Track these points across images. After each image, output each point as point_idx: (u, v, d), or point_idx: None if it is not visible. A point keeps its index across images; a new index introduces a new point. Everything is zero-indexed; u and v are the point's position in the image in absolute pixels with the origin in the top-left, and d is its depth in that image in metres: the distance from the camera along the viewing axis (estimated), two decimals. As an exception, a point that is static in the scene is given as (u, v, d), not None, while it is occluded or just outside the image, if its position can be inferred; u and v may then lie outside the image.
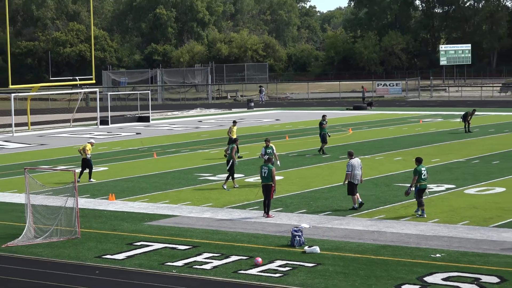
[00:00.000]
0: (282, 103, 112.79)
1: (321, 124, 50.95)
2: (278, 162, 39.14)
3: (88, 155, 41.14)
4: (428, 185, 34.77)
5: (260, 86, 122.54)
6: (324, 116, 52.41)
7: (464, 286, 21.44)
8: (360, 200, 32.56)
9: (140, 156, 52.39)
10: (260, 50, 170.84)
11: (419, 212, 30.64)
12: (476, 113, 65.48)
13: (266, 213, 31.14)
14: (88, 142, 42.36)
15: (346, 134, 62.09)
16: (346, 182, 32.44)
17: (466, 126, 61.76)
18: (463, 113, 64.31)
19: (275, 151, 39.18)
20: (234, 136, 47.33)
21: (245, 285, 22.13)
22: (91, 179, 41.23)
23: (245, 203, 34.25)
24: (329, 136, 51.68)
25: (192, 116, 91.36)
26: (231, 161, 37.59)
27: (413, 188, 30.60)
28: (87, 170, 41.43)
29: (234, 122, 51.24)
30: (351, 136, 60.74)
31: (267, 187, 31.02)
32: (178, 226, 30.06)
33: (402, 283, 21.88)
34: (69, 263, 24.99)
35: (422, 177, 30.66)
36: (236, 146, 40.22)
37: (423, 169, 30.70)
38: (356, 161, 32.93)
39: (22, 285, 22.66)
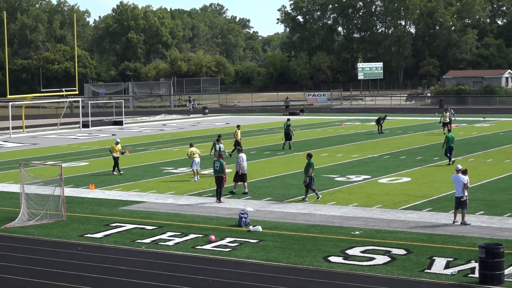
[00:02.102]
0: (231, 110, 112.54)
1: (287, 125, 51.59)
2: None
3: (118, 153, 40.49)
4: (348, 176, 34.95)
5: (189, 97, 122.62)
6: (288, 119, 53.27)
7: (377, 257, 21.52)
8: (246, 189, 33.02)
9: (115, 153, 51.93)
10: (213, 67, 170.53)
11: (302, 197, 31.04)
12: (387, 118, 65.88)
13: (218, 199, 31.07)
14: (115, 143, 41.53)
15: (282, 135, 62.07)
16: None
17: (379, 129, 62.10)
18: (376, 117, 64.69)
19: (223, 149, 39.41)
20: (239, 138, 47.96)
21: (201, 258, 22.03)
22: (114, 172, 40.57)
23: (201, 191, 34.11)
24: (293, 134, 52.64)
25: (158, 120, 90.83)
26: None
27: (307, 178, 30.77)
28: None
29: (238, 126, 50.62)
30: (278, 138, 60.77)
31: (219, 178, 30.98)
32: (146, 210, 29.87)
33: (328, 255, 21.91)
34: (56, 241, 24.75)
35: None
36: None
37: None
38: (244, 155, 33.47)
39: (18, 259, 22.37)
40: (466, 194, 25.44)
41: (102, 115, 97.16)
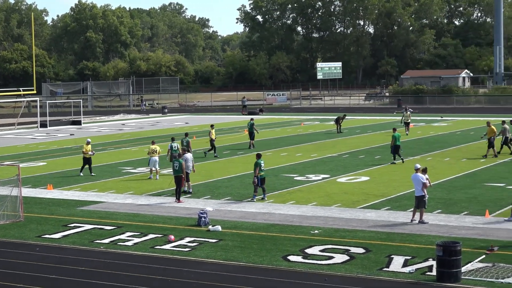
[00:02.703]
0: (190, 109, 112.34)
1: (247, 124, 51.93)
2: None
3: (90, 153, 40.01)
4: (307, 175, 35.04)
5: (141, 96, 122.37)
6: (252, 118, 53.71)
7: (336, 256, 21.61)
8: (191, 189, 33.04)
9: (73, 153, 51.56)
10: (172, 67, 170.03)
11: (261, 197, 30.71)
12: (346, 117, 66.22)
13: (178, 199, 30.98)
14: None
15: (242, 135, 62.13)
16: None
17: (338, 128, 62.39)
18: (335, 117, 65.01)
19: (179, 148, 39.40)
20: (214, 137, 47.70)
21: (161, 258, 21.95)
22: (81, 173, 39.94)
23: (160, 191, 33.99)
24: (257, 133, 52.83)
25: (117, 120, 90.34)
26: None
27: (255, 178, 30.70)
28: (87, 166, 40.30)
29: (212, 126, 50.47)
30: (246, 136, 60.80)
31: (178, 178, 30.90)
32: (105, 210, 29.69)
33: (288, 254, 21.95)
34: (14, 242, 24.47)
35: (262, 168, 30.70)
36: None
37: (262, 162, 30.72)
38: (189, 155, 33.55)
39: (-26, 261, 22.10)
40: (425, 192, 25.66)
41: (60, 115, 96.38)
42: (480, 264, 20.21)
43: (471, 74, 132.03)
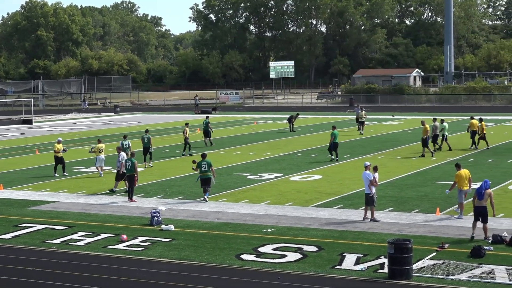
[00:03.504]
0: (143, 108, 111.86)
1: (202, 123, 52.03)
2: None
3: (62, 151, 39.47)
4: (260, 174, 35.07)
5: (84, 95, 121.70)
6: (207, 117, 53.94)
7: (289, 254, 21.67)
8: (115, 188, 33.09)
9: (24, 152, 51.04)
10: (124, 65, 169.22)
11: (206, 197, 30.47)
12: (299, 116, 66.45)
13: (130, 198, 30.81)
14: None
15: (195, 133, 62.00)
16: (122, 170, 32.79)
17: (291, 127, 62.59)
18: (288, 116, 65.22)
19: (128, 146, 39.31)
20: (187, 136, 47.43)
21: (113, 258, 21.82)
22: (56, 174, 39.28)
23: (115, 189, 33.77)
24: (212, 131, 53.05)
25: (68, 119, 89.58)
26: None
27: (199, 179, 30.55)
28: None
29: (187, 124, 50.23)
30: (199, 134, 60.69)
31: (131, 177, 30.72)
32: (57, 210, 29.41)
33: (241, 253, 21.95)
34: (-37, 243, 24.11)
35: (202, 169, 30.30)
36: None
37: (204, 163, 30.39)
38: (123, 154, 33.71)
39: None
40: (374, 191, 25.84)
41: (11, 114, 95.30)
42: (431, 261, 20.42)
43: (422, 73, 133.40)
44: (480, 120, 46.84)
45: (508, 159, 41.25)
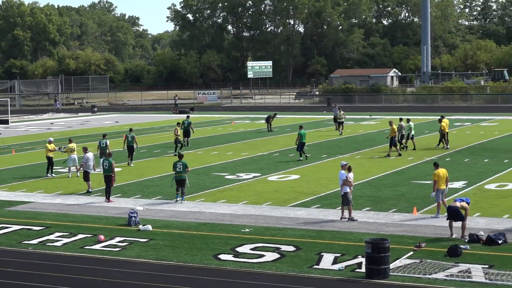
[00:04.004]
0: (120, 108, 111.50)
1: (183, 123, 51.82)
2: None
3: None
4: (238, 174, 35.08)
5: (55, 96, 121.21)
6: (188, 117, 54.30)
7: (267, 254, 21.69)
8: (90, 189, 33.12)
9: (1, 153, 50.73)
10: (102, 65, 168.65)
11: (178, 198, 30.30)
12: (276, 116, 66.51)
13: (108, 199, 30.71)
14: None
15: (171, 134, 61.88)
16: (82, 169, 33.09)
17: (268, 127, 62.62)
18: (266, 116, 65.26)
19: (108, 145, 39.43)
20: (179, 135, 48.04)
21: (90, 258, 21.73)
22: (48, 174, 38.96)
23: (90, 190, 33.63)
24: (193, 132, 53.32)
25: (45, 119, 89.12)
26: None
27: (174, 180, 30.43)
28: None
29: (178, 124, 50.15)
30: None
31: (108, 177, 30.61)
32: (34, 210, 29.25)
33: (219, 253, 21.95)
34: None
35: (177, 169, 30.16)
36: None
37: (179, 164, 30.22)
38: (90, 154, 33.75)
39: None
40: (348, 190, 25.90)
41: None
42: (408, 260, 20.51)
43: (399, 73, 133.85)
44: (441, 118, 47.19)
45: (484, 159, 41.50)
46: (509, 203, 28.52)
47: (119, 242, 23.58)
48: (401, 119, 47.12)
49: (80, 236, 24.50)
